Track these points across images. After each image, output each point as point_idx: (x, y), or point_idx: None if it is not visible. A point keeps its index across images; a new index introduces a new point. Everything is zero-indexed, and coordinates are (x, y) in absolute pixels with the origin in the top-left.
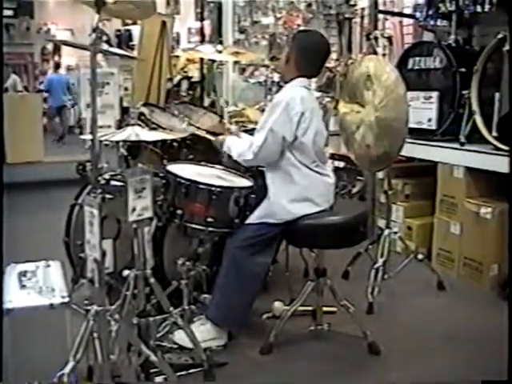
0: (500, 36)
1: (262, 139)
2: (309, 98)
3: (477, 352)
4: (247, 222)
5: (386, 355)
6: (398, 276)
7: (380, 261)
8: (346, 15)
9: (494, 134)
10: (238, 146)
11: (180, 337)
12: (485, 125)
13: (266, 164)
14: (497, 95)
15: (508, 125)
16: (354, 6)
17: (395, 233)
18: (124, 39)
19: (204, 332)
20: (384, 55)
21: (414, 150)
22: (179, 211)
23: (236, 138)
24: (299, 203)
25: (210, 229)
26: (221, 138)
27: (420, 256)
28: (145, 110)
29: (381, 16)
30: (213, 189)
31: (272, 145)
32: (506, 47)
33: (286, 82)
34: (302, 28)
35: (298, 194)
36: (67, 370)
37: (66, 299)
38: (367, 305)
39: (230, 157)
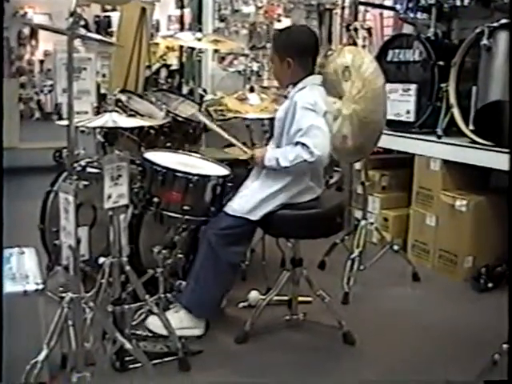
0: (478, 30)
1: (316, 138)
2: (326, 98)
3: (450, 343)
4: (228, 211)
5: (361, 345)
6: (373, 267)
7: (356, 251)
8: (327, 6)
9: (471, 127)
10: (287, 152)
11: (154, 324)
12: (462, 118)
13: (320, 164)
14: (474, 89)
15: (485, 118)
16: None
17: (371, 224)
18: (103, 25)
19: (177, 320)
20: (364, 47)
21: (391, 141)
22: (156, 199)
23: (276, 149)
24: (283, 206)
25: (187, 217)
26: (259, 152)
27: (396, 247)
28: (122, 97)
29: (361, 7)
30: (190, 177)
31: (325, 139)
32: (484, 41)
33: (295, 84)
34: (284, 27)
35: (287, 199)
36: (41, 357)
37: (41, 286)
38: (343, 295)
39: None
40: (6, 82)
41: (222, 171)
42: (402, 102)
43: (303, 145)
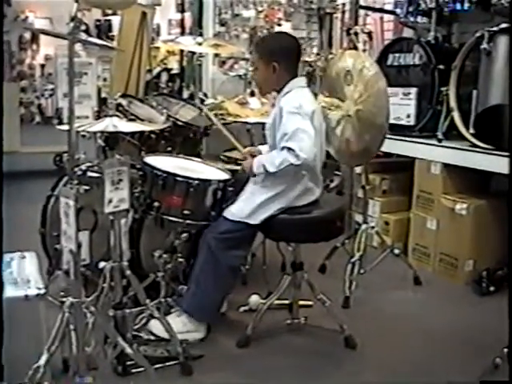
0: (478, 34)
1: (301, 141)
2: (313, 98)
3: (451, 347)
4: (227, 215)
5: (362, 349)
6: (374, 270)
7: (357, 255)
8: (327, 10)
9: (471, 131)
10: (273, 157)
11: (156, 327)
12: (462, 122)
13: (306, 167)
14: (474, 92)
15: (486, 122)
16: (335, 1)
17: (372, 227)
18: (103, 29)
19: (179, 324)
20: (364, 51)
21: (391, 145)
22: (156, 203)
23: (262, 155)
24: (283, 210)
25: (187, 221)
26: (247, 162)
27: (396, 251)
28: (123, 101)
29: (362, 11)
30: (190, 181)
31: (310, 142)
32: (484, 45)
33: (279, 91)
34: (264, 35)
35: (287, 203)
36: (42, 362)
37: (42, 291)
38: (343, 299)
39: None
40: (6, 86)
41: (223, 175)
42: (402, 106)
43: (289, 149)
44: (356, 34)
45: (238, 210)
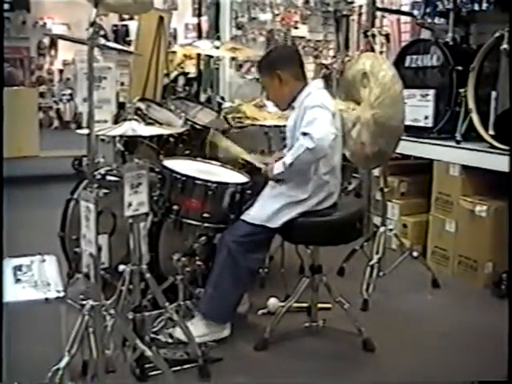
0: (497, 34)
1: (318, 126)
2: (331, 100)
3: (471, 350)
4: (245, 218)
5: (381, 352)
6: (392, 273)
7: (375, 258)
8: (344, 12)
9: (491, 132)
10: (290, 153)
11: (179, 330)
12: (481, 123)
13: (323, 153)
14: (493, 93)
15: (506, 123)
16: (352, 3)
17: (390, 230)
18: (121, 34)
19: (203, 326)
20: (381, 53)
21: (410, 147)
22: (175, 206)
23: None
24: (303, 214)
25: (206, 224)
26: (268, 167)
27: (415, 253)
28: (141, 105)
29: (378, 13)
30: (209, 184)
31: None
32: (504, 46)
33: (294, 99)
34: (262, 55)
35: (307, 208)
36: (62, 364)
37: (62, 294)
38: (362, 301)
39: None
40: (25, 91)
41: (241, 178)
42: (420, 108)
43: (304, 134)
44: (373, 35)
45: (257, 214)
